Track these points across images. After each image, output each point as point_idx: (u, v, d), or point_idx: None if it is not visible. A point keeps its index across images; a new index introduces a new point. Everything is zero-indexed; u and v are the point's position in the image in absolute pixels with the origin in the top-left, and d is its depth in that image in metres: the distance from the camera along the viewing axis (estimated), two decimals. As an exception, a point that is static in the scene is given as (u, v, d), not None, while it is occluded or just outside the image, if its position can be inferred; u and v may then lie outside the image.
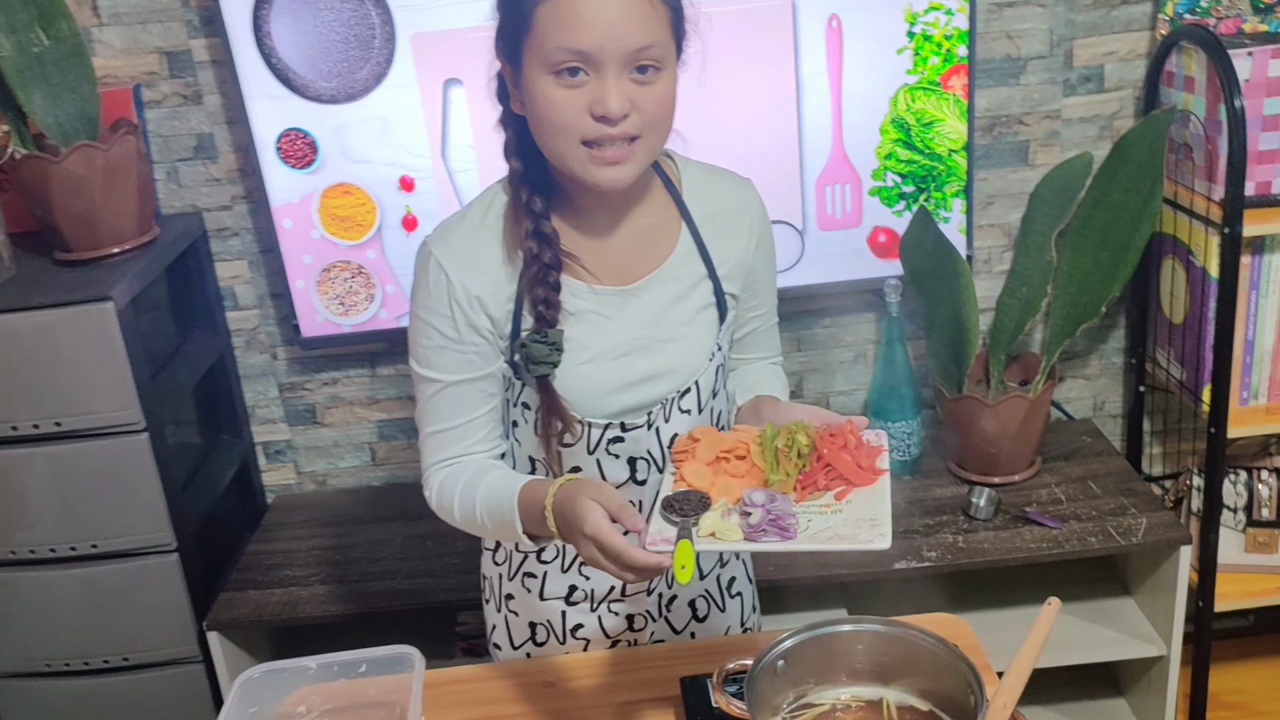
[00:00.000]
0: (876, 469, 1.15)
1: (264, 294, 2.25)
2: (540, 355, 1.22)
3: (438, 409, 1.27)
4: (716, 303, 1.31)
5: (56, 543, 1.93)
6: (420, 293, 1.25)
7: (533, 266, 1.20)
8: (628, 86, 1.12)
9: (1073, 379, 2.37)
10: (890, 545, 1.04)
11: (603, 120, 1.12)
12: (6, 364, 1.81)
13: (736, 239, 1.32)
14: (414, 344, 1.27)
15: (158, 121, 2.11)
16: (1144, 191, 1.98)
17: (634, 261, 1.27)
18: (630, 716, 1.31)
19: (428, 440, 1.30)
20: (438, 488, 1.29)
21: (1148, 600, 2.12)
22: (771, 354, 1.45)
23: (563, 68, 1.11)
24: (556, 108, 1.13)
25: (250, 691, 1.26)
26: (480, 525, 1.26)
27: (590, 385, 1.25)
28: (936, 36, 2.02)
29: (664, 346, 1.28)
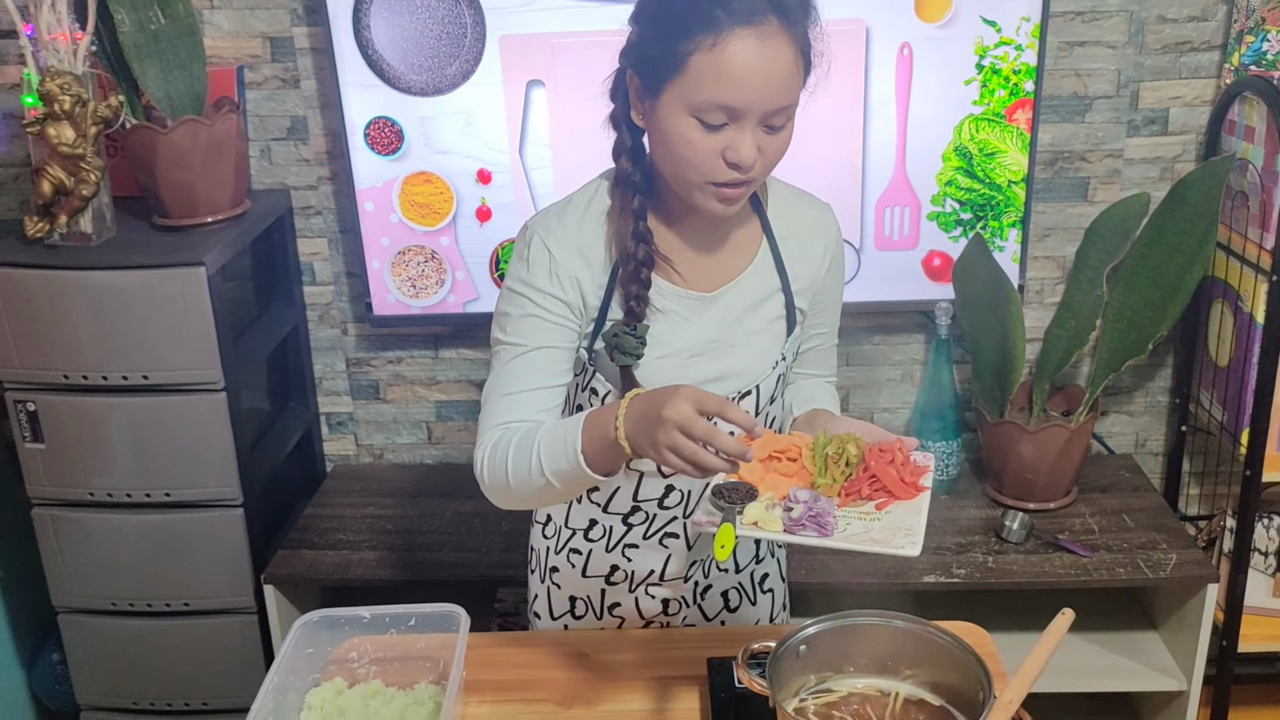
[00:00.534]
0: (919, 485, 1.21)
1: (340, 272, 2.36)
2: (629, 347, 1.29)
3: (513, 373, 1.30)
4: (786, 315, 1.38)
5: (132, 488, 2.05)
6: (518, 267, 1.30)
7: (630, 264, 1.27)
8: (759, 135, 1.18)
9: (1116, 414, 2.41)
10: (919, 554, 1.11)
11: (734, 167, 1.19)
12: (101, 318, 1.93)
13: (812, 258, 1.40)
14: (502, 315, 1.32)
15: (257, 102, 2.24)
16: (1199, 235, 2.02)
17: (716, 269, 1.34)
18: (658, 691, 1.39)
19: (495, 404, 1.30)
20: (492, 446, 1.27)
21: (1172, 636, 2.15)
22: (827, 372, 1.52)
23: (708, 122, 1.17)
24: (693, 148, 1.19)
25: (308, 634, 1.36)
26: (531, 468, 1.22)
27: (663, 379, 1.31)
28: (1005, 70, 2.08)
29: (733, 350, 1.35)
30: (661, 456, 1.11)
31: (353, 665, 1.38)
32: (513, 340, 1.30)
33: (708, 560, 1.51)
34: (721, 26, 1.13)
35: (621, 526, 1.46)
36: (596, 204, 1.31)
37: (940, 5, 2.04)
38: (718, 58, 1.14)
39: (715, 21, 1.13)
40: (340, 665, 1.38)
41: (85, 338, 1.94)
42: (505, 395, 1.29)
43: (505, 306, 1.31)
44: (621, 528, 1.46)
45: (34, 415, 1.99)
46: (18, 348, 1.96)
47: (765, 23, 1.14)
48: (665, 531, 1.46)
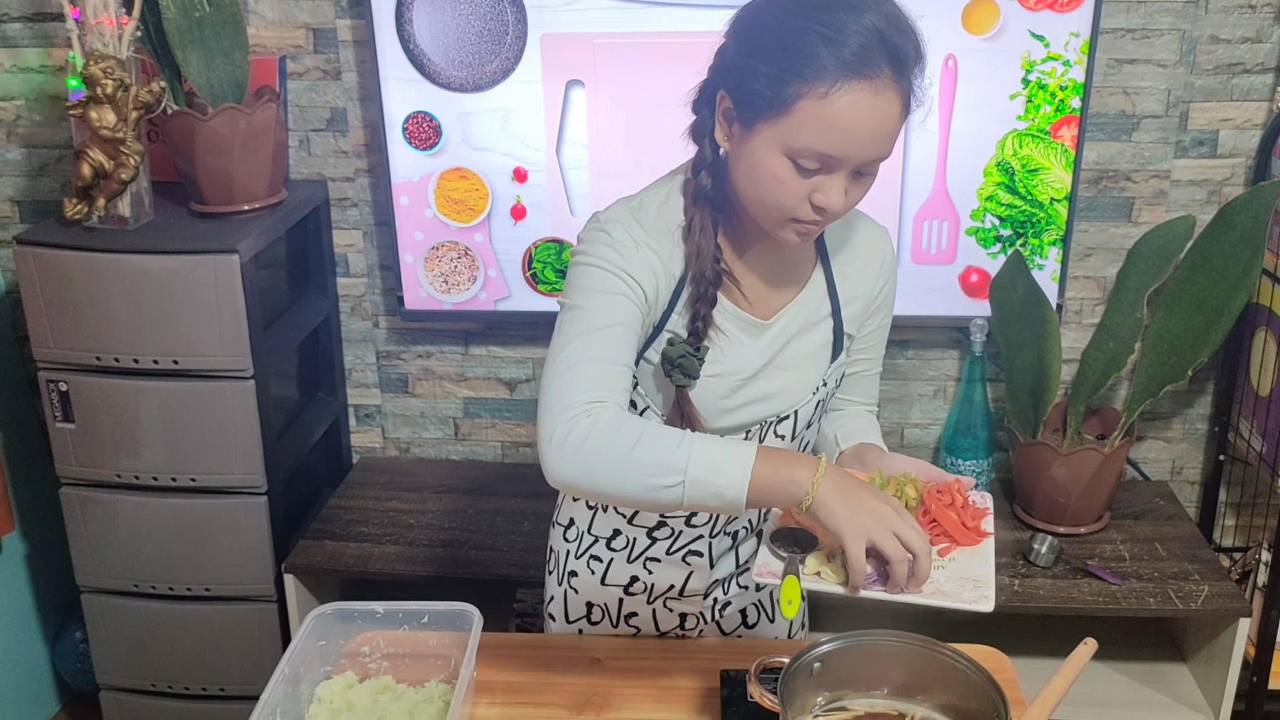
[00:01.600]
0: (981, 531, 1.19)
1: (374, 264, 2.37)
2: (692, 369, 1.25)
3: (600, 342, 1.19)
4: (834, 341, 1.36)
5: (158, 472, 2.06)
6: (603, 250, 1.22)
7: (702, 284, 1.24)
8: (847, 182, 1.16)
9: (1153, 440, 2.36)
10: (992, 609, 1.09)
11: (819, 210, 1.16)
12: (135, 301, 1.95)
13: (865, 282, 1.37)
14: (581, 290, 1.22)
15: (297, 92, 2.25)
16: (1244, 260, 1.98)
17: (773, 292, 1.31)
18: (669, 701, 1.37)
19: (585, 368, 1.17)
20: (614, 414, 1.14)
21: (1201, 669, 2.11)
22: (869, 401, 1.49)
23: (803, 161, 1.14)
24: (783, 189, 1.15)
25: (321, 626, 1.36)
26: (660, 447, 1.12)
27: (709, 399, 1.29)
28: (1051, 86, 2.05)
29: (779, 373, 1.33)
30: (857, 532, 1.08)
31: (364, 660, 1.38)
32: (596, 312, 1.20)
33: (728, 579, 1.49)
34: (836, 76, 1.09)
35: (646, 539, 1.44)
36: (668, 213, 1.26)
37: (988, 17, 2.01)
38: (827, 108, 1.10)
39: (830, 69, 1.09)
40: (352, 659, 1.37)
41: (118, 320, 1.96)
42: (596, 362, 1.17)
43: (586, 283, 1.22)
44: (645, 540, 1.44)
45: (65, 395, 2.01)
46: (52, 328, 1.98)
47: (879, 76, 1.10)
48: (690, 549, 1.44)
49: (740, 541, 1.47)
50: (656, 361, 1.28)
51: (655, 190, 1.29)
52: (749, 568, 1.50)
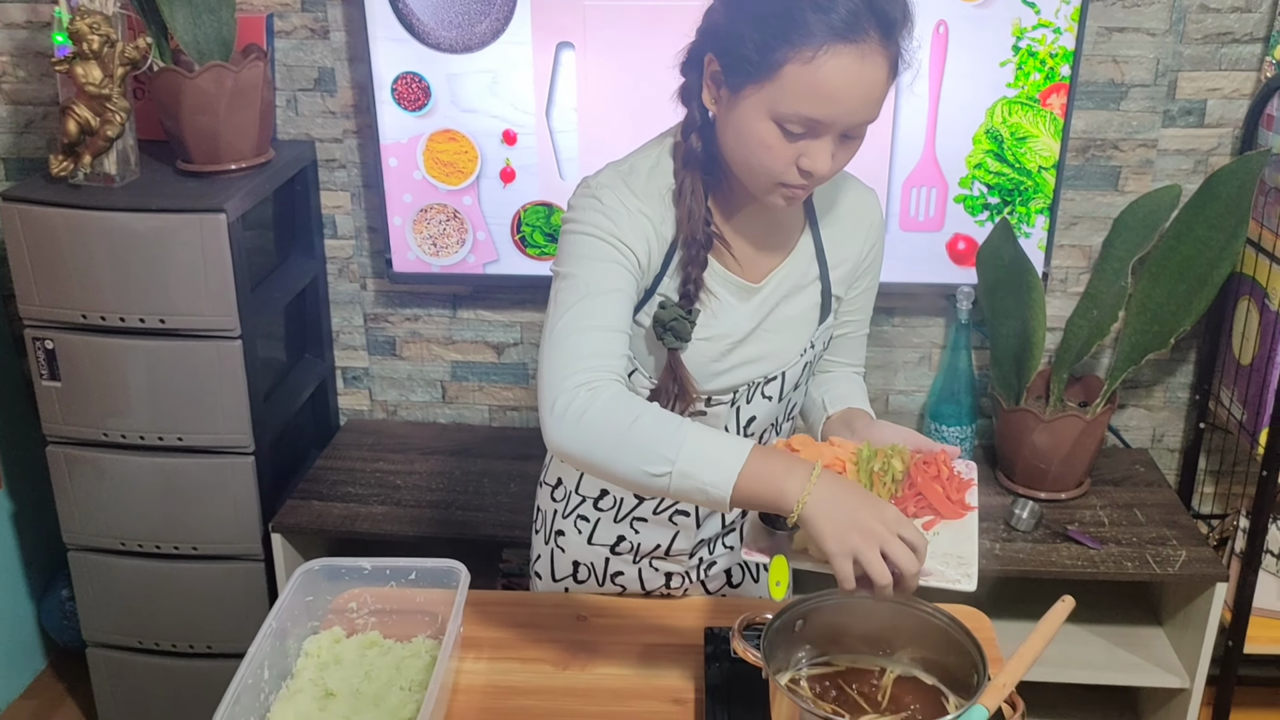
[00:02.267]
0: (965, 504, 1.21)
1: (362, 226, 2.36)
2: (684, 331, 1.26)
3: (597, 309, 1.19)
4: (822, 303, 1.37)
5: (145, 431, 2.06)
6: (595, 217, 1.22)
7: (694, 247, 1.24)
8: (834, 146, 1.16)
9: (1135, 408, 2.38)
10: (975, 589, 1.10)
11: (805, 174, 1.17)
12: (121, 260, 1.94)
13: (853, 244, 1.38)
14: (575, 258, 1.22)
15: (285, 51, 2.23)
16: (1228, 230, 1.99)
17: (762, 255, 1.32)
18: (654, 657, 1.39)
19: (584, 336, 1.18)
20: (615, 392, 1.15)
21: (1178, 633, 2.14)
22: (856, 362, 1.50)
23: (789, 125, 1.14)
24: (770, 153, 1.16)
25: (309, 582, 1.37)
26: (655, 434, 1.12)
27: (700, 361, 1.30)
28: (1041, 53, 2.05)
29: (768, 336, 1.34)
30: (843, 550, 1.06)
31: (351, 616, 1.39)
32: (591, 279, 1.20)
33: (714, 539, 1.51)
34: (822, 41, 1.09)
35: (633, 499, 1.45)
36: (659, 176, 1.26)
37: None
38: (814, 72, 1.10)
39: (816, 34, 1.09)
40: (339, 615, 1.39)
41: (104, 278, 1.95)
42: (595, 330, 1.18)
43: (580, 250, 1.22)
44: (632, 501, 1.45)
45: (52, 353, 2.01)
46: (38, 285, 1.97)
47: (866, 40, 1.10)
48: (676, 509, 1.45)
49: None
50: (648, 325, 1.29)
51: (645, 154, 1.29)
52: (734, 529, 1.51)
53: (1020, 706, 1.09)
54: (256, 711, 1.21)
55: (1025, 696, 1.20)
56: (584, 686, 1.35)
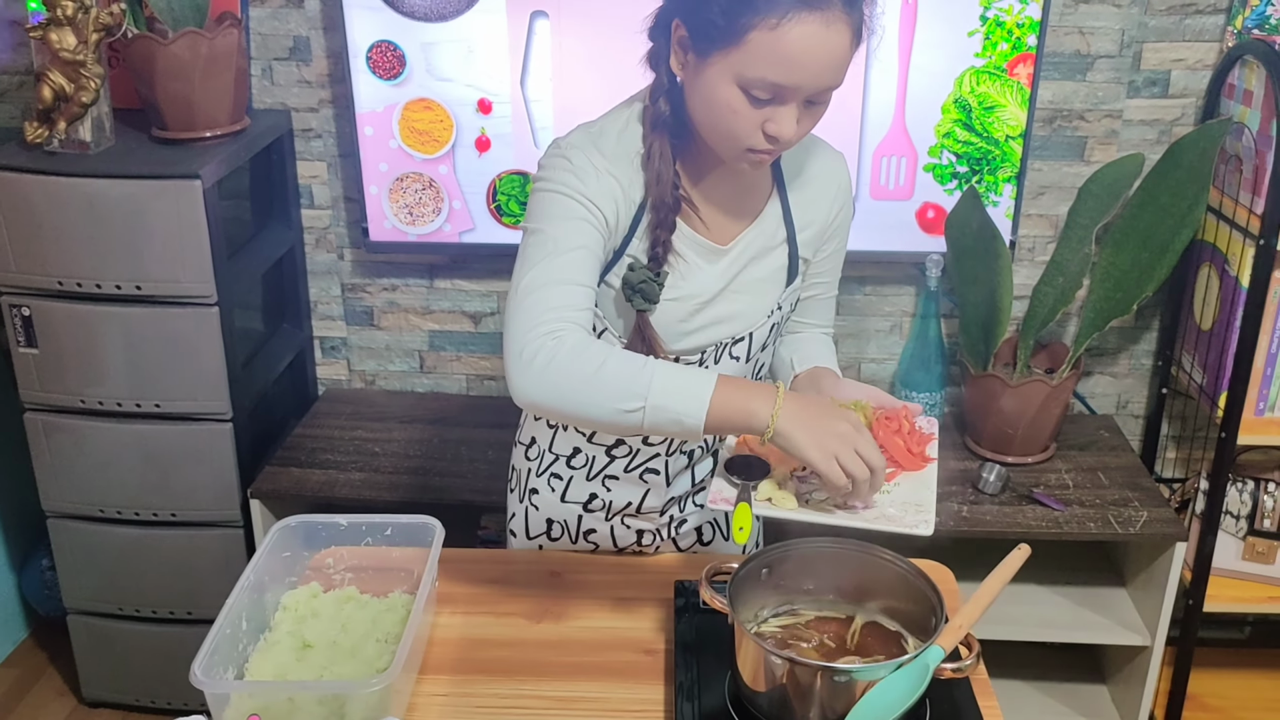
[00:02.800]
0: (926, 456, 1.24)
1: (338, 196, 2.37)
2: (652, 294, 1.28)
3: (565, 265, 1.21)
4: (789, 265, 1.39)
5: (123, 398, 2.08)
6: (564, 176, 1.24)
7: (662, 210, 1.27)
8: (799, 111, 1.19)
9: (1100, 375, 2.43)
10: (932, 533, 1.15)
11: (771, 140, 1.19)
12: (97, 227, 1.95)
13: (820, 208, 1.40)
14: (543, 216, 1.24)
15: (260, 20, 2.24)
16: (1190, 197, 2.03)
17: (730, 218, 1.34)
18: (625, 610, 1.43)
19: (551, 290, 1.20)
20: (578, 338, 1.18)
21: (1140, 593, 2.19)
22: (825, 323, 1.53)
23: (756, 95, 1.16)
24: (736, 118, 1.18)
25: (286, 538, 1.39)
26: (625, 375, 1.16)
27: (668, 322, 1.33)
28: (1009, 24, 2.08)
29: (735, 297, 1.36)
30: (825, 455, 1.13)
31: (329, 572, 1.42)
32: (559, 236, 1.23)
33: (684, 497, 1.54)
34: (787, 8, 1.12)
35: (605, 458, 1.48)
36: (627, 139, 1.28)
37: (948, -46, 2.04)
38: (778, 39, 1.13)
39: (781, 2, 1.12)
40: (317, 571, 1.41)
41: (80, 245, 1.96)
42: (562, 284, 1.20)
43: (548, 209, 1.24)
44: (604, 459, 1.48)
45: (28, 320, 2.02)
46: (14, 252, 1.98)
47: (830, 7, 1.12)
48: (647, 467, 1.48)
49: (696, 461, 1.52)
50: (618, 286, 1.31)
51: (615, 116, 1.31)
52: (705, 487, 1.54)
53: (976, 647, 1.14)
54: (235, 662, 1.24)
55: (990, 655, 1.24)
56: (557, 639, 1.38)
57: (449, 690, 1.29)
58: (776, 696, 1.13)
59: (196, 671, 1.13)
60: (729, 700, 1.20)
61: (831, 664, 1.14)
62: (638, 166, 1.28)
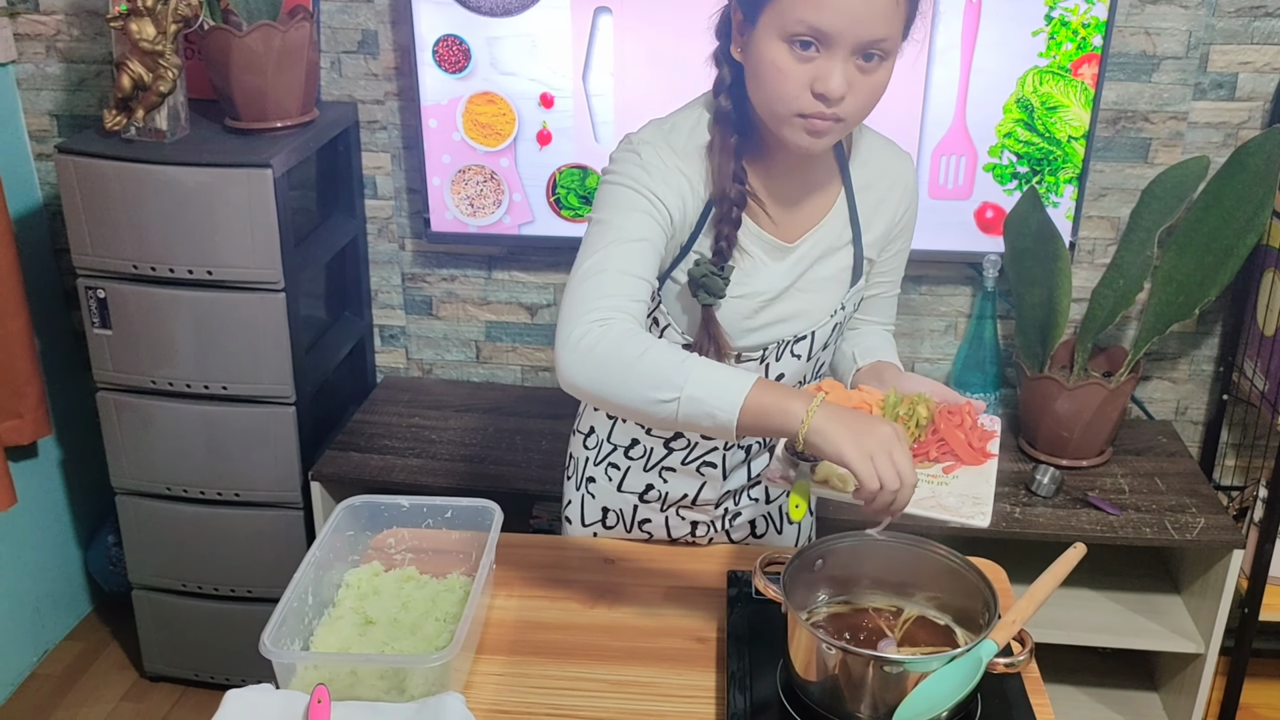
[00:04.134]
0: (986, 452, 1.24)
1: (401, 187, 2.42)
2: (716, 288, 1.30)
3: (624, 254, 1.23)
4: (854, 266, 1.40)
5: (191, 379, 2.13)
6: (632, 170, 1.26)
7: (725, 204, 1.27)
8: (851, 70, 1.17)
9: (1159, 380, 2.41)
10: (988, 525, 1.14)
11: (820, 98, 1.17)
12: (171, 213, 2.01)
13: (887, 210, 1.40)
14: (609, 206, 1.26)
15: (330, 14, 2.28)
16: (1255, 201, 2.01)
17: (797, 216, 1.35)
18: (678, 598, 1.44)
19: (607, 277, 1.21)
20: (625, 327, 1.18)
21: (1195, 600, 2.17)
22: (887, 321, 1.54)
23: (797, 39, 1.16)
24: (783, 76, 1.18)
25: (350, 517, 1.43)
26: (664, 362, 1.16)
27: (734, 319, 1.34)
28: (1074, 23, 2.07)
29: (800, 295, 1.37)
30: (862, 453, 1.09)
31: (390, 552, 1.45)
32: (622, 225, 1.24)
33: (739, 490, 1.55)
34: None
35: (662, 449, 1.50)
36: (698, 135, 1.30)
37: (1013, -46, 2.03)
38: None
39: None
40: (378, 551, 1.45)
41: (155, 230, 2.02)
42: (618, 273, 1.22)
43: (615, 199, 1.26)
44: (662, 450, 1.50)
45: (103, 302, 2.08)
46: (91, 236, 2.04)
47: None
48: (704, 460, 1.50)
49: (753, 455, 1.53)
50: (683, 282, 1.33)
51: (688, 112, 1.33)
52: (759, 481, 1.56)
53: (1029, 643, 1.14)
54: (301, 634, 1.28)
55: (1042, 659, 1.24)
56: (610, 624, 1.40)
57: (505, 670, 1.32)
58: (828, 686, 1.14)
59: (266, 641, 1.17)
60: (780, 689, 1.21)
61: (884, 655, 1.15)
62: (705, 160, 1.29)
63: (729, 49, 1.27)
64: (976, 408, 1.28)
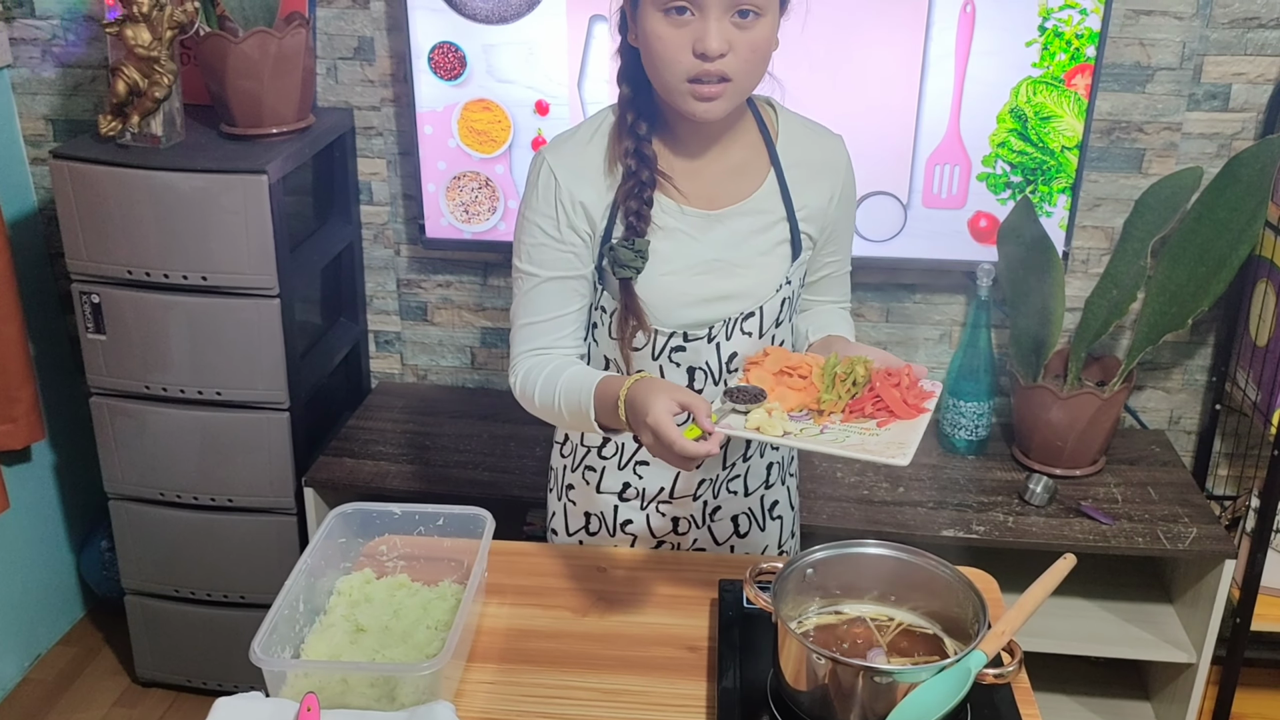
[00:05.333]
0: (920, 408, 1.25)
1: (397, 193, 2.42)
2: (626, 260, 1.36)
3: (533, 302, 1.41)
4: (791, 240, 1.43)
5: (185, 385, 2.14)
6: (530, 195, 1.39)
7: (629, 181, 1.35)
8: (727, 29, 1.24)
9: (1153, 389, 2.41)
10: (908, 464, 1.16)
11: (701, 57, 1.25)
12: (166, 218, 2.01)
13: (819, 189, 1.44)
14: (519, 243, 1.41)
15: (326, 20, 2.29)
16: (1248, 212, 2.01)
17: (721, 191, 1.40)
18: (669, 606, 1.45)
19: (520, 331, 1.43)
20: (523, 375, 1.42)
21: (1187, 610, 2.17)
22: (842, 299, 1.57)
23: (671, 6, 1.24)
24: (664, 43, 1.26)
25: (342, 524, 1.43)
26: (556, 412, 1.38)
27: (668, 296, 1.39)
28: (1067, 34, 2.07)
29: (739, 271, 1.41)
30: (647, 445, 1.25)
31: (382, 559, 1.45)
32: (529, 270, 1.40)
33: (716, 482, 1.56)
34: None
35: (633, 444, 1.52)
36: (603, 129, 1.38)
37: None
38: None
39: None
40: (370, 558, 1.45)
41: (150, 236, 2.02)
42: (528, 324, 1.42)
43: (520, 235, 1.41)
44: (633, 445, 1.52)
45: (98, 307, 2.08)
46: (86, 241, 2.04)
47: None
48: None
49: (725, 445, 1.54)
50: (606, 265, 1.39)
51: (597, 113, 1.41)
52: (737, 474, 1.57)
53: (1018, 654, 1.14)
54: (291, 642, 1.28)
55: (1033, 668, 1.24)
56: (601, 632, 1.41)
57: (496, 678, 1.32)
58: (818, 695, 1.14)
59: (256, 650, 1.17)
60: (770, 698, 1.21)
61: (874, 665, 1.15)
62: (611, 166, 1.36)
63: (627, 42, 1.34)
64: (918, 371, 1.30)
